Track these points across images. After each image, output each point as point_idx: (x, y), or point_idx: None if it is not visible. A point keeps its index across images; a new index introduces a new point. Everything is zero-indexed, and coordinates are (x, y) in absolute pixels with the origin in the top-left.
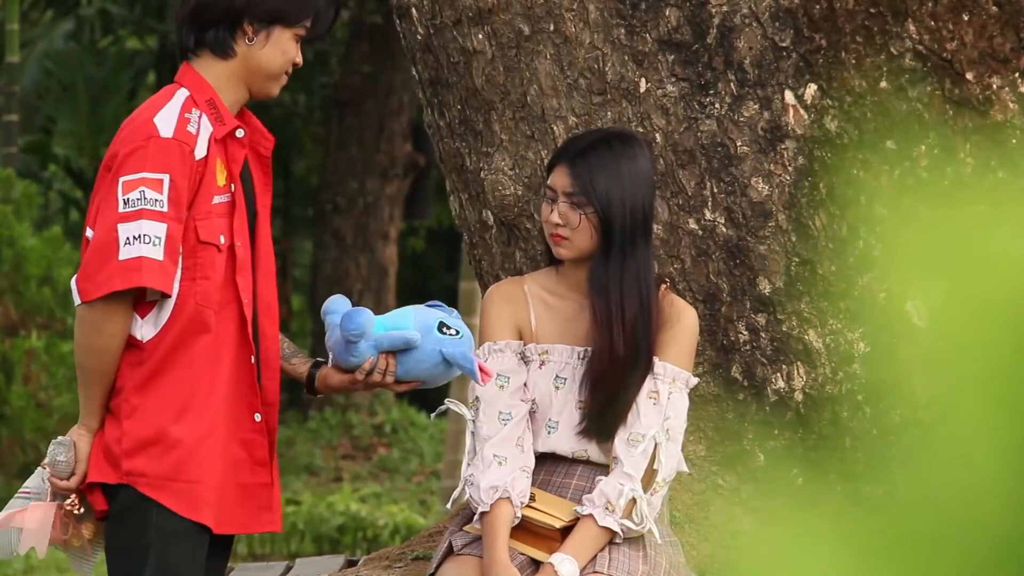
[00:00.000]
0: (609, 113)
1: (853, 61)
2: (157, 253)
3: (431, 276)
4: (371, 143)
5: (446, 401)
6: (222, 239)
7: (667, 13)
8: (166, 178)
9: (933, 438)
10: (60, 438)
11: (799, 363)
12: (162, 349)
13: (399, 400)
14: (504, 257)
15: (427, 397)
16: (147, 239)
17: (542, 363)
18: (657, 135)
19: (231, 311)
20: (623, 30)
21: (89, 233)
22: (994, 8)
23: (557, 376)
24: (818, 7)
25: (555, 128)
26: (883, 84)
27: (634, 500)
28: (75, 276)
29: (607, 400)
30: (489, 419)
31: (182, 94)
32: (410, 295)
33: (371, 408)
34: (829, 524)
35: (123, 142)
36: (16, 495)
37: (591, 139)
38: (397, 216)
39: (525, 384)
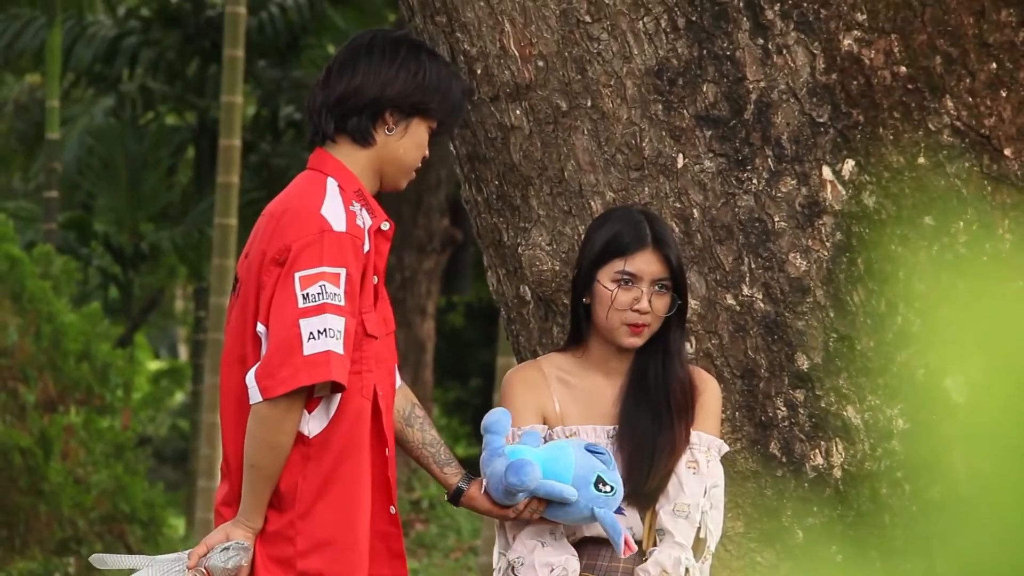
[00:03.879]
0: (646, 188)
1: (891, 137)
2: (339, 347)
3: (469, 352)
4: (409, 218)
5: None
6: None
7: (704, 89)
8: (343, 272)
9: (973, 514)
10: (243, 542)
11: (838, 439)
12: (333, 445)
13: None
14: (542, 332)
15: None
16: (331, 333)
17: None
18: (695, 210)
19: (371, 404)
20: (660, 106)
21: (260, 328)
22: None
23: None
24: (855, 83)
25: (592, 203)
26: (921, 160)
27: (687, 570)
28: (252, 373)
29: (646, 476)
30: None
31: (333, 184)
32: (448, 371)
33: (408, 484)
34: None
35: (293, 236)
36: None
37: (650, 219)
38: (435, 291)
39: None
